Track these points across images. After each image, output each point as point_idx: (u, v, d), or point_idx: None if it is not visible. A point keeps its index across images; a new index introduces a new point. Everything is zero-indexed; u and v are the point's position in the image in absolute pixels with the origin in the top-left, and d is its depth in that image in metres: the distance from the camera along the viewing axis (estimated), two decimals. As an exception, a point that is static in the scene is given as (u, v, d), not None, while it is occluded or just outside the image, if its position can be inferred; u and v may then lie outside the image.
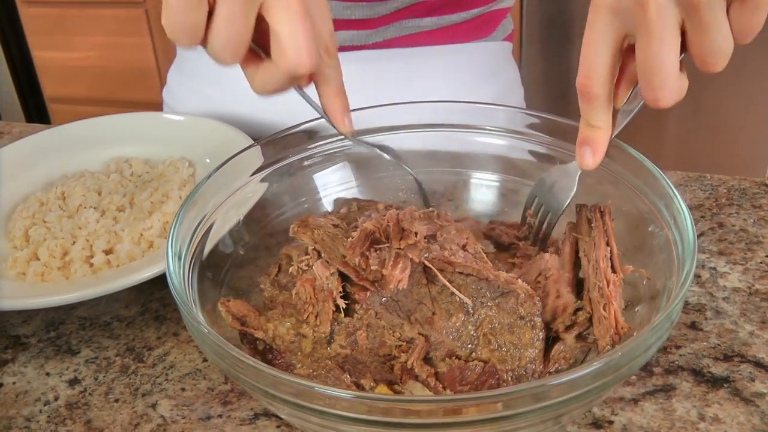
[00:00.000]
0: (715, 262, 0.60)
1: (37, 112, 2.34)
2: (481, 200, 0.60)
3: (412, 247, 0.44)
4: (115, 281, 0.54)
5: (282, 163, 0.57)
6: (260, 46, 0.44)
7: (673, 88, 0.40)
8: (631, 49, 0.43)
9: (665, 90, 0.40)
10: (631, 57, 0.43)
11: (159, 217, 0.63)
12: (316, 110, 0.51)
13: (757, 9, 0.38)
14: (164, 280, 0.45)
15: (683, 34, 0.40)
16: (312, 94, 0.51)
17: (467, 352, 0.44)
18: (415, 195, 0.60)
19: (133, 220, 0.63)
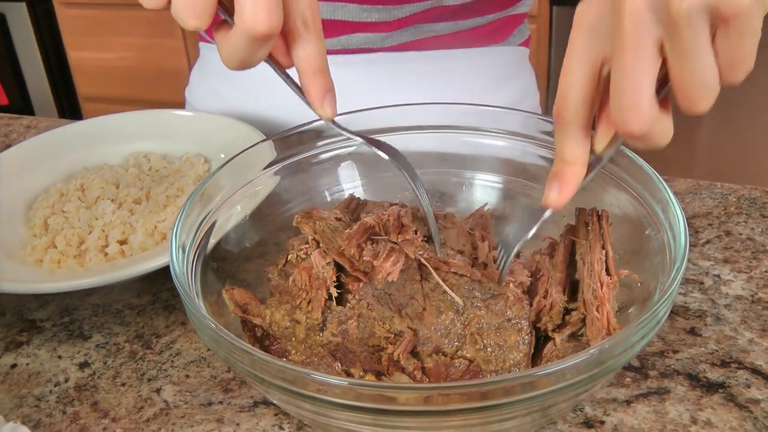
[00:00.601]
0: (720, 269, 0.60)
1: (70, 111, 2.40)
2: (490, 202, 0.61)
3: (408, 243, 0.45)
4: (126, 269, 0.56)
5: (291, 160, 0.58)
6: (232, 15, 0.41)
7: (644, 113, 0.36)
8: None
9: (634, 113, 0.36)
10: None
11: (173, 211, 0.65)
12: (294, 91, 0.46)
13: (742, 36, 0.34)
14: (175, 272, 0.46)
15: (666, 65, 0.36)
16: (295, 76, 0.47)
17: (453, 349, 0.45)
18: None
19: (148, 213, 0.65)
